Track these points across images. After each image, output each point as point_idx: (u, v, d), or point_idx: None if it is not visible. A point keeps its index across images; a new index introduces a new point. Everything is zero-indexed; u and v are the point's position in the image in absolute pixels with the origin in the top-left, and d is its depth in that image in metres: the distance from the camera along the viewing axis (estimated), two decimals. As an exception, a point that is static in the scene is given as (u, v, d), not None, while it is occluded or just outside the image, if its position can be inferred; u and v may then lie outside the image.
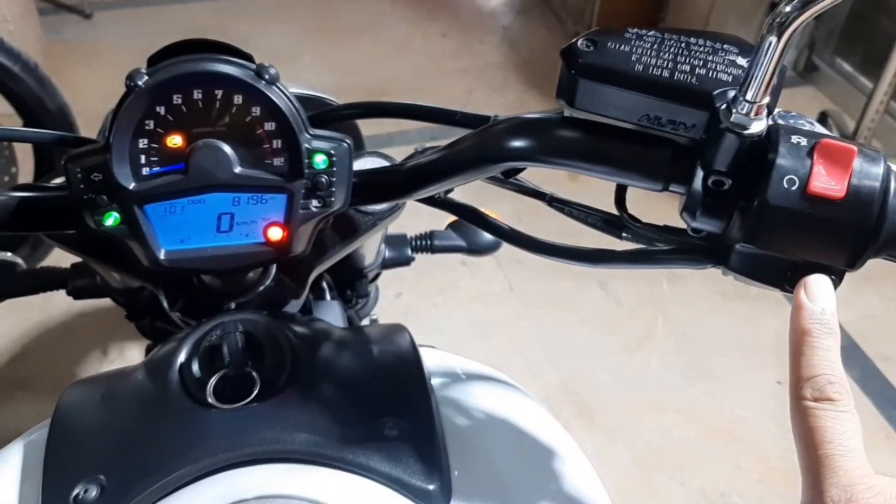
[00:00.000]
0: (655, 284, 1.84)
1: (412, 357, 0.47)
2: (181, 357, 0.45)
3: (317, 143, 0.43)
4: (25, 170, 1.56)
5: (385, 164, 0.55)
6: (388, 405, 0.43)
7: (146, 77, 0.40)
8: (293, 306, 0.57)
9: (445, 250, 0.85)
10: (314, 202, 0.45)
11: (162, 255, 0.45)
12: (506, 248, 0.93)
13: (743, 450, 1.51)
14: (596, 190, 0.48)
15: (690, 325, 1.75)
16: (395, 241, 0.85)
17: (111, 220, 0.43)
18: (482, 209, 0.53)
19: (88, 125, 1.59)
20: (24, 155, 1.57)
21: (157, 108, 0.41)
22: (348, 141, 0.44)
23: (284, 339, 0.47)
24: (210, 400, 0.43)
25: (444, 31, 2.80)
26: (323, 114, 0.49)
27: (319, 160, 0.43)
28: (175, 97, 0.41)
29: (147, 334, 0.79)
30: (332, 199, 0.45)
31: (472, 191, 0.53)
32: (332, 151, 0.44)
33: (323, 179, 0.44)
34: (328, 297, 0.77)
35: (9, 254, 0.72)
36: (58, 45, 2.54)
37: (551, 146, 0.40)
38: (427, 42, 2.73)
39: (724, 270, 0.40)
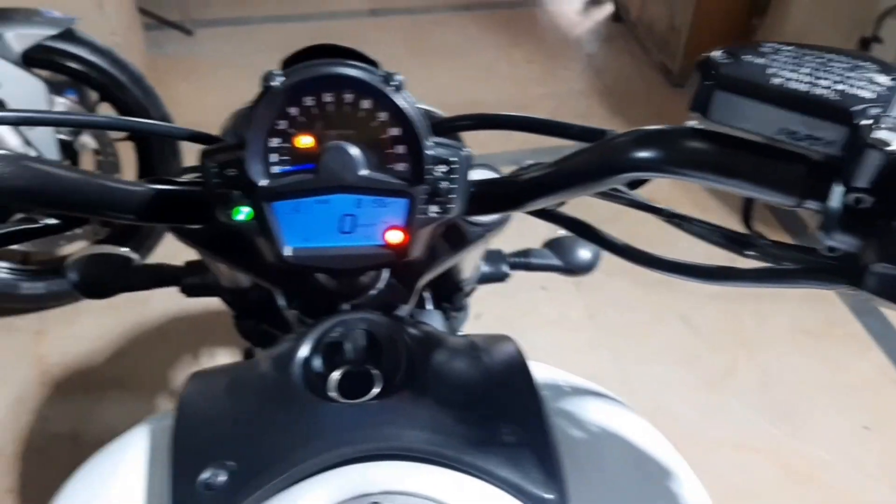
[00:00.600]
0: (738, 320, 1.78)
1: (522, 367, 0.47)
2: (304, 352, 0.46)
3: (438, 151, 0.44)
4: (127, 175, 1.63)
5: (494, 175, 0.55)
6: (502, 412, 0.44)
7: (282, 78, 0.41)
8: (400, 311, 0.58)
9: (541, 268, 0.83)
10: (433, 208, 0.45)
11: (287, 252, 0.46)
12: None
13: (827, 496, 1.44)
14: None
15: (774, 363, 1.69)
16: (492, 257, 0.84)
17: (242, 215, 0.44)
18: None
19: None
20: (126, 162, 1.64)
21: (290, 109, 0.42)
22: (467, 150, 0.45)
23: (401, 340, 0.47)
24: (333, 395, 0.44)
25: (529, 57, 2.81)
26: (439, 123, 0.49)
27: (440, 167, 0.44)
28: (307, 99, 0.42)
29: (247, 336, 0.80)
30: (451, 205, 0.45)
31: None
32: (453, 159, 0.44)
33: (443, 186, 0.44)
34: (428, 306, 0.77)
35: (125, 249, 0.73)
36: (160, 59, 2.65)
37: (681, 157, 0.40)
38: (513, 67, 2.74)
39: (857, 291, 0.38)
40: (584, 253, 0.83)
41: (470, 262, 0.78)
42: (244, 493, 0.38)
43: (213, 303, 1.72)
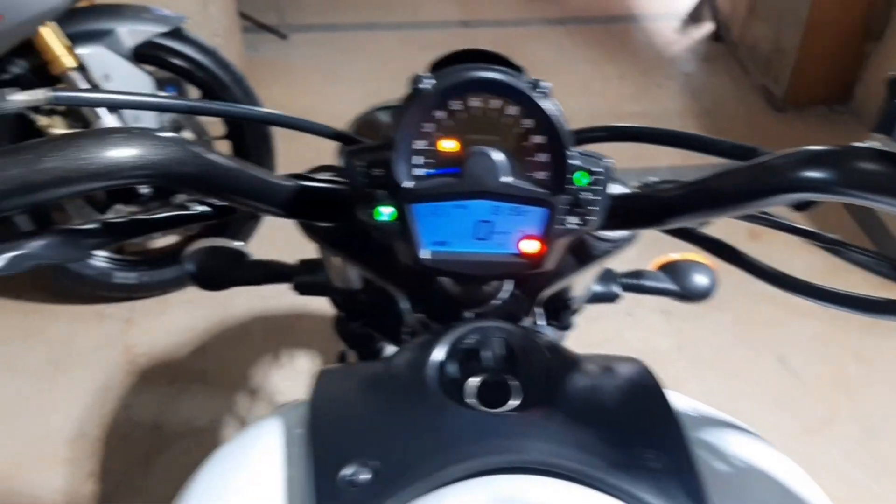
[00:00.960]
0: (839, 364, 1.68)
1: (658, 392, 0.46)
2: (438, 356, 0.46)
3: (581, 161, 0.43)
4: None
5: (626, 189, 0.54)
6: (643, 436, 0.42)
7: (432, 81, 0.42)
8: (523, 324, 0.57)
9: (654, 292, 0.79)
10: (572, 219, 0.45)
11: (424, 255, 0.46)
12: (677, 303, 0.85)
13: (935, 565, 1.33)
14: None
15: (879, 413, 1.58)
16: (603, 276, 0.81)
17: (385, 215, 0.44)
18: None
19: (279, 139, 1.67)
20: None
21: (437, 112, 0.43)
22: (611, 161, 0.44)
23: (538, 353, 0.46)
24: (471, 402, 0.43)
25: (622, 73, 2.75)
26: (575, 133, 0.49)
27: (582, 177, 0.43)
28: (454, 103, 0.42)
29: (346, 338, 0.81)
30: (591, 217, 0.45)
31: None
32: (596, 170, 0.43)
33: (584, 197, 0.44)
34: (540, 321, 0.75)
35: (240, 243, 0.75)
36: (255, 61, 2.72)
37: (859, 179, 0.37)
38: (605, 83, 2.69)
39: None
40: (701, 278, 0.79)
41: (583, 279, 0.76)
42: (387, 493, 0.37)
43: (295, 306, 1.74)
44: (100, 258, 1.67)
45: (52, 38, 1.40)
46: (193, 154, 0.40)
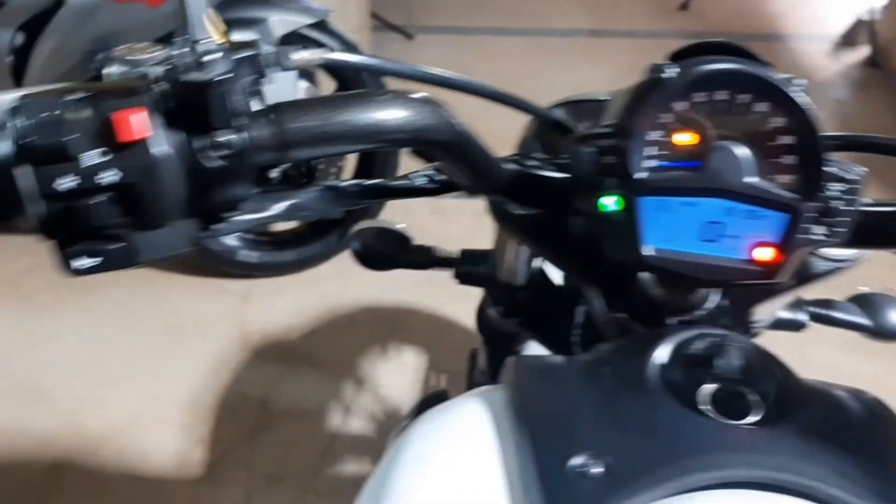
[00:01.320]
0: None
1: None
2: (661, 357, 0.44)
3: (834, 167, 0.42)
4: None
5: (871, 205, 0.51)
6: (892, 475, 0.40)
7: (677, 70, 0.42)
8: None
9: (845, 325, 0.76)
10: (818, 229, 0.43)
11: (647, 252, 0.45)
12: (794, 344, 0.81)
13: None
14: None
15: None
16: (791, 302, 0.77)
17: (609, 206, 0.44)
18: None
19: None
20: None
21: (676, 104, 0.43)
22: (865, 170, 0.43)
23: (773, 369, 0.44)
24: (705, 409, 0.41)
25: (763, 95, 2.71)
26: None
27: (836, 185, 0.42)
28: (696, 95, 0.42)
29: (488, 333, 0.85)
30: (840, 229, 0.43)
31: None
32: (850, 177, 0.42)
33: (835, 207, 0.43)
34: None
35: (404, 225, 0.79)
36: (380, 60, 2.86)
37: None
38: (743, 104, 2.67)
39: None
40: None
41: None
42: (623, 491, 0.37)
43: (404, 302, 1.82)
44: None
45: (210, 22, 1.55)
46: (447, 120, 0.42)
